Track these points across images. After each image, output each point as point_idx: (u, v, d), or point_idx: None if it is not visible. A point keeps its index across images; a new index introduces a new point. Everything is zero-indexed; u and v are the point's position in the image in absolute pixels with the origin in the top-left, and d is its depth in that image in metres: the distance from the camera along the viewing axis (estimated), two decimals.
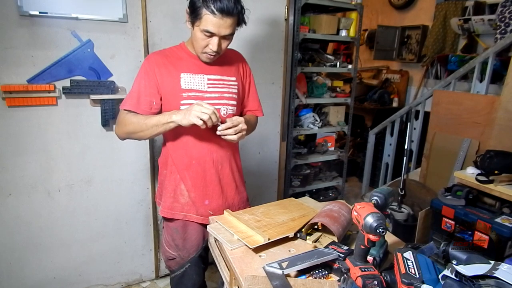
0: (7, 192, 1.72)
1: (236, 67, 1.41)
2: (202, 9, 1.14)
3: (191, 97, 1.27)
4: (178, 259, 1.40)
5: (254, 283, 0.89)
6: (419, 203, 2.61)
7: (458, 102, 2.53)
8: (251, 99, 1.50)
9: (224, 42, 1.22)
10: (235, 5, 1.15)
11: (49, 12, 1.62)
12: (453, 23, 3.63)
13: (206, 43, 1.20)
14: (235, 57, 1.43)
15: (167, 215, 1.38)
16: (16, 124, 1.67)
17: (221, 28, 1.16)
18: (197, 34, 1.20)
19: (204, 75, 1.30)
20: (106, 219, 1.98)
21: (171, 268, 1.45)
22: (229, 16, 1.15)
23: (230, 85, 1.36)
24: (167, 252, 1.43)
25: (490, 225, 1.61)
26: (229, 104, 1.35)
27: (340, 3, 2.54)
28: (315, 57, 2.70)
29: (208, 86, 1.30)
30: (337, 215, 1.15)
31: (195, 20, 1.18)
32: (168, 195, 1.38)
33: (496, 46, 2.57)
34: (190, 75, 1.28)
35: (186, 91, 1.27)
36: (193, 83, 1.28)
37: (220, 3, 1.12)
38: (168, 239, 1.42)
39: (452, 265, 0.82)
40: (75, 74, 1.74)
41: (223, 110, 1.33)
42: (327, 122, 2.86)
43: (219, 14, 1.13)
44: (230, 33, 1.20)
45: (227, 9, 1.13)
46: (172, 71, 1.27)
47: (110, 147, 1.90)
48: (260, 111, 1.53)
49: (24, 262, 1.82)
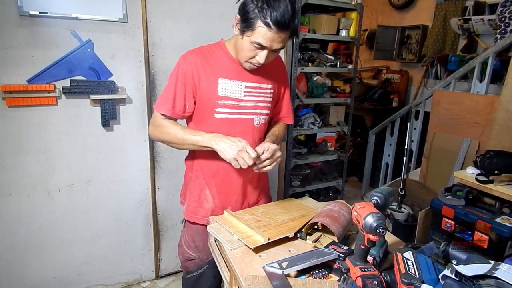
0: (7, 192, 1.72)
1: (274, 73, 1.31)
2: (256, 21, 1.04)
3: (227, 105, 1.21)
4: (197, 260, 1.38)
5: (254, 283, 0.89)
6: (419, 203, 2.61)
7: (458, 102, 2.53)
8: (284, 105, 1.41)
9: (272, 54, 1.15)
10: (293, 18, 1.05)
11: (49, 12, 1.62)
12: (453, 23, 3.63)
13: (253, 54, 1.13)
14: (275, 62, 1.31)
15: (191, 219, 1.36)
16: (16, 124, 1.67)
17: (274, 42, 1.08)
18: (245, 44, 1.11)
19: (242, 82, 1.22)
20: (106, 219, 1.98)
21: (188, 269, 1.42)
22: (285, 30, 1.05)
23: (266, 93, 1.28)
24: (186, 253, 1.40)
25: (490, 225, 1.61)
26: (263, 113, 1.29)
27: (340, 3, 2.54)
28: (315, 57, 2.70)
29: (244, 94, 1.23)
30: (337, 215, 1.15)
31: (246, 30, 1.08)
32: (192, 199, 1.36)
33: (496, 46, 2.57)
34: (228, 81, 1.21)
35: (222, 98, 1.20)
36: (230, 90, 1.21)
37: (277, 15, 1.02)
38: (188, 240, 1.39)
39: (452, 265, 0.82)
40: (75, 74, 1.74)
41: (256, 120, 1.28)
42: (327, 122, 2.86)
43: (274, 28, 1.03)
44: (282, 47, 1.12)
45: (284, 22, 1.03)
46: (210, 75, 1.20)
47: (110, 147, 1.90)
48: (290, 118, 1.44)
49: (24, 262, 1.82)
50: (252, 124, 1.27)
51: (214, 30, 2.02)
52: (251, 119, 1.26)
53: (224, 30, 2.04)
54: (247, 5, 1.05)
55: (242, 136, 1.22)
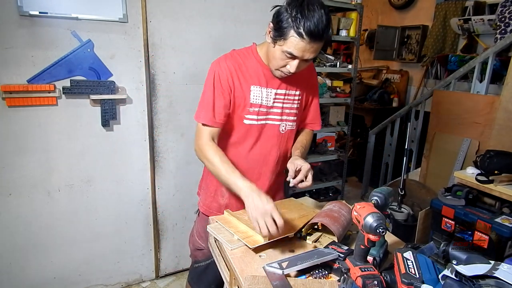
0: (7, 192, 1.72)
1: (304, 80, 1.30)
2: (289, 30, 1.02)
3: (256, 112, 1.22)
4: (206, 250, 1.40)
5: (254, 283, 0.88)
6: (419, 203, 2.61)
7: (458, 102, 2.53)
8: (311, 111, 1.40)
9: (303, 64, 1.12)
10: (327, 28, 1.02)
11: (49, 12, 1.62)
12: (453, 23, 3.63)
13: (284, 63, 1.11)
14: (306, 69, 1.27)
15: (205, 212, 1.38)
16: (16, 124, 1.67)
17: (306, 52, 1.06)
18: (277, 53, 1.10)
19: (272, 90, 1.23)
20: (106, 219, 1.98)
21: (196, 258, 1.45)
22: (318, 40, 1.03)
23: (294, 100, 1.28)
24: (196, 243, 1.43)
25: (490, 225, 1.61)
26: (289, 120, 1.29)
27: (340, 3, 2.54)
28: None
29: (273, 101, 1.24)
30: (337, 215, 1.15)
31: (278, 39, 1.06)
32: (208, 194, 1.37)
33: (496, 46, 2.57)
34: (259, 88, 1.21)
35: (253, 105, 1.21)
36: (261, 98, 1.21)
37: (311, 25, 0.99)
38: (200, 230, 1.42)
39: (452, 265, 0.82)
40: (75, 74, 1.74)
41: (282, 126, 1.29)
42: (327, 122, 2.86)
43: (307, 38, 1.01)
44: (314, 57, 1.09)
45: (318, 33, 1.01)
46: (243, 82, 1.20)
47: (110, 147, 1.90)
48: (317, 124, 1.42)
49: (24, 262, 1.82)
50: (278, 130, 1.28)
51: (215, 30, 2.02)
52: (277, 125, 1.27)
53: (224, 30, 2.05)
54: (281, 14, 1.04)
55: (266, 142, 1.24)
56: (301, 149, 1.32)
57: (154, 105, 1.97)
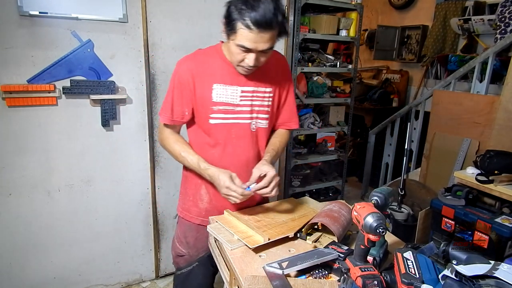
0: (7, 192, 1.72)
1: (275, 75, 1.27)
2: (237, 23, 1.02)
3: (221, 110, 1.20)
4: (187, 256, 1.38)
5: (254, 283, 0.89)
6: (419, 203, 2.61)
7: (458, 102, 2.53)
8: (286, 109, 1.36)
9: (262, 56, 1.11)
10: (275, 16, 1.01)
11: (49, 12, 1.62)
12: (453, 23, 3.63)
13: (242, 57, 1.10)
14: (276, 63, 1.28)
15: (184, 216, 1.36)
16: (16, 124, 1.67)
17: (259, 44, 1.04)
18: (232, 48, 1.09)
19: (238, 87, 1.20)
20: (106, 219, 1.98)
21: (178, 265, 1.43)
22: (268, 30, 1.02)
23: (264, 97, 1.25)
24: (177, 249, 1.41)
25: (490, 225, 1.61)
26: (260, 117, 1.27)
27: (340, 3, 2.54)
28: (315, 57, 2.70)
29: (240, 99, 1.21)
30: (337, 215, 1.15)
31: (230, 33, 1.07)
32: (187, 198, 1.36)
33: (496, 46, 2.57)
34: (223, 86, 1.19)
35: (217, 104, 1.20)
36: (225, 96, 1.19)
37: (257, 15, 0.99)
38: (180, 236, 1.39)
39: (452, 265, 0.82)
40: (75, 74, 1.74)
41: (253, 125, 1.26)
42: (327, 122, 2.86)
43: (255, 29, 1.00)
44: (269, 48, 1.08)
45: (266, 22, 1.00)
46: (205, 81, 1.19)
47: (110, 147, 1.90)
48: (294, 122, 1.38)
49: (24, 262, 1.82)
50: (249, 128, 1.26)
51: (214, 30, 2.01)
52: (247, 124, 1.25)
53: None
54: (230, 8, 1.04)
55: (238, 141, 1.23)
56: (272, 152, 1.28)
57: (154, 105, 1.97)
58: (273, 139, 1.35)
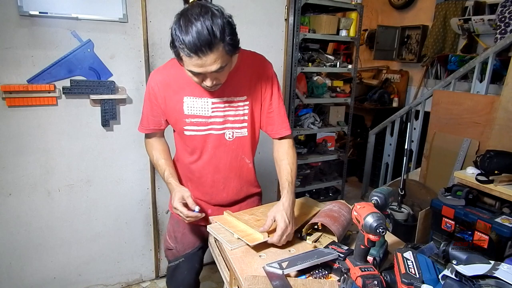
0: (7, 192, 1.72)
1: (249, 81, 1.20)
2: (179, 51, 0.96)
3: (194, 123, 1.19)
4: (175, 251, 1.41)
5: (254, 283, 0.89)
6: (419, 203, 2.61)
7: (458, 102, 2.52)
8: (275, 117, 1.25)
9: (219, 74, 1.03)
10: (213, 35, 0.91)
11: (49, 12, 1.62)
12: (453, 23, 3.63)
13: (199, 80, 1.04)
14: (251, 68, 1.20)
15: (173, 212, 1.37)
16: (16, 124, 1.67)
17: (206, 67, 0.96)
18: (187, 73, 1.04)
19: (209, 99, 1.16)
20: (106, 219, 1.98)
21: (168, 258, 1.46)
22: (207, 51, 0.93)
23: (238, 106, 1.20)
24: (166, 242, 1.44)
25: (490, 225, 1.61)
26: (236, 127, 1.22)
27: (340, 3, 2.54)
28: (315, 57, 2.70)
29: (212, 111, 1.17)
30: (337, 215, 1.15)
31: (178, 60, 1.02)
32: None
33: (496, 46, 2.57)
34: (193, 98, 1.16)
35: (189, 116, 1.18)
36: (196, 108, 1.17)
37: (191, 40, 0.90)
38: (170, 230, 1.42)
39: (452, 265, 0.82)
40: (75, 74, 1.74)
41: (228, 134, 1.22)
42: (327, 122, 2.86)
43: (194, 55, 0.93)
44: (220, 67, 0.98)
45: (202, 45, 0.91)
46: (176, 94, 1.17)
47: (110, 147, 1.90)
48: (286, 128, 1.26)
49: (24, 262, 1.82)
50: (224, 139, 1.22)
51: None
52: (221, 134, 1.22)
53: None
54: (172, 35, 0.97)
55: (214, 150, 1.23)
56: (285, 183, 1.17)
57: None
58: (283, 165, 1.23)
